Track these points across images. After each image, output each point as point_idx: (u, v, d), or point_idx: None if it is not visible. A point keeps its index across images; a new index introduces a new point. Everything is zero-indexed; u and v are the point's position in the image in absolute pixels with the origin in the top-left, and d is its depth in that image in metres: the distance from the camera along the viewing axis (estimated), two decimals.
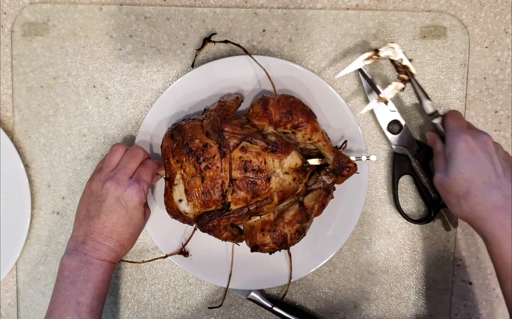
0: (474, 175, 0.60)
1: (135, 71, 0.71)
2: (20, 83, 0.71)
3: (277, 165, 0.62)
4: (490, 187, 0.60)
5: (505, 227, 0.58)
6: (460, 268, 0.74)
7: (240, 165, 0.61)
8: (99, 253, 0.59)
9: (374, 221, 0.73)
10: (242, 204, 0.61)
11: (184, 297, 0.73)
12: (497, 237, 0.58)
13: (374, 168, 0.72)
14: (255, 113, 0.64)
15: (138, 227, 0.62)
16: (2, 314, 0.73)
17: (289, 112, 0.63)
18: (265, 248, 0.64)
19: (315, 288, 0.73)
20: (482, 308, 0.74)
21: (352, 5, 0.71)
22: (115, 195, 0.60)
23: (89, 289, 0.58)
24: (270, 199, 0.62)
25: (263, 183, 0.61)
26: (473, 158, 0.61)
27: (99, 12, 0.71)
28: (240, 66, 0.68)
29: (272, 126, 0.64)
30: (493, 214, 0.59)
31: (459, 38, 0.71)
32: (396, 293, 0.73)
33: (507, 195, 0.59)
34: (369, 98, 0.70)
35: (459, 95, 0.71)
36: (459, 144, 0.62)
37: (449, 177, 0.62)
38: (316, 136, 0.64)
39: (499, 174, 0.60)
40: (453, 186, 0.61)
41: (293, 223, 0.64)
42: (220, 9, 0.71)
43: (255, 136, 0.62)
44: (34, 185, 0.72)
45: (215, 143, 0.61)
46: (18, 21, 0.70)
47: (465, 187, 0.60)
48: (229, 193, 0.61)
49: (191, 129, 0.62)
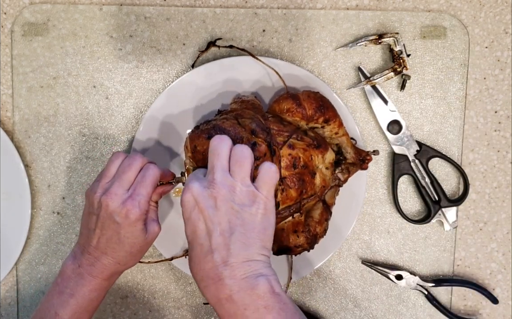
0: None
1: (135, 71, 0.71)
2: (20, 83, 0.71)
3: (320, 160, 0.61)
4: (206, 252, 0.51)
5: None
6: (460, 268, 0.74)
7: (289, 162, 0.58)
8: (92, 269, 0.57)
9: (374, 221, 0.73)
10: (289, 203, 0.59)
11: (184, 297, 0.73)
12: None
13: (374, 168, 0.72)
14: (286, 109, 0.61)
15: (136, 245, 0.58)
16: (2, 314, 0.73)
17: (321, 106, 0.62)
18: (297, 250, 0.62)
19: (315, 288, 0.73)
20: (482, 308, 0.74)
21: (352, 5, 0.71)
22: (108, 211, 0.56)
23: (71, 305, 0.57)
24: (316, 195, 0.61)
25: (310, 179, 0.60)
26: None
27: (99, 12, 0.71)
28: (242, 66, 0.68)
29: (304, 121, 0.62)
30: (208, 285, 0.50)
31: (459, 38, 0.71)
32: (396, 293, 0.73)
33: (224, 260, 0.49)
34: (368, 99, 0.70)
35: (459, 95, 0.72)
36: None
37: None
38: (341, 130, 0.64)
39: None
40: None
41: (322, 222, 0.63)
42: (220, 9, 0.71)
43: (299, 133, 0.61)
44: (34, 185, 0.72)
45: (264, 141, 0.57)
46: (18, 21, 0.70)
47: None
48: (279, 192, 0.58)
49: (233, 127, 0.57)
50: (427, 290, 0.72)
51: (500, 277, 0.74)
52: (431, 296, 0.72)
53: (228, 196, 0.51)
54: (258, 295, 0.48)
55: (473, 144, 0.73)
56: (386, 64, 0.71)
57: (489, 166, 0.73)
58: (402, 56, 0.69)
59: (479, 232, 0.73)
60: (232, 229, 0.50)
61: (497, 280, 0.74)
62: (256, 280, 0.49)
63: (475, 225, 0.73)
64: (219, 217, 0.50)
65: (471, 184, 0.72)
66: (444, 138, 0.72)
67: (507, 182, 0.73)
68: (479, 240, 0.73)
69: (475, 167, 0.73)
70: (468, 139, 0.72)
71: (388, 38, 0.69)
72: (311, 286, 0.73)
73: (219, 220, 0.50)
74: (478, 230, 0.73)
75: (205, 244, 0.50)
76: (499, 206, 0.73)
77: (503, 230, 0.73)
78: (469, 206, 0.73)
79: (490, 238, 0.73)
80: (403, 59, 0.69)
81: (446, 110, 0.72)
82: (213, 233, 0.50)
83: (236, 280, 0.48)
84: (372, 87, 0.70)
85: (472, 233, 0.73)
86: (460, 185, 0.72)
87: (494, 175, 0.73)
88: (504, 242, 0.73)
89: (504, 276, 0.74)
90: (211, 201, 0.51)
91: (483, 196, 0.73)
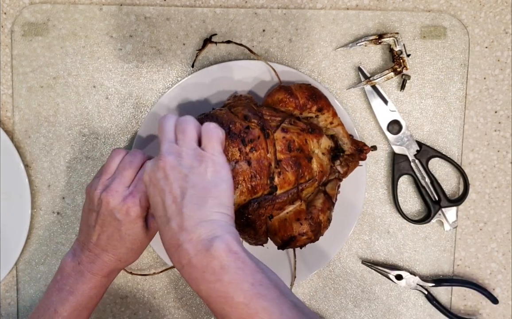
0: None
1: (135, 71, 0.71)
2: (20, 83, 0.71)
3: (315, 145, 0.61)
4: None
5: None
6: (460, 268, 0.74)
7: (284, 145, 0.58)
8: (92, 266, 0.57)
9: (374, 221, 0.73)
10: (287, 187, 0.59)
11: (184, 297, 0.73)
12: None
13: (373, 168, 0.72)
14: (278, 100, 0.62)
15: (137, 241, 0.57)
16: (2, 314, 0.73)
17: (313, 95, 0.63)
18: (302, 238, 0.61)
19: (315, 288, 0.73)
20: (482, 308, 0.74)
21: (352, 5, 0.71)
22: (109, 208, 0.55)
23: (70, 302, 0.57)
24: (314, 180, 0.61)
25: (306, 163, 0.60)
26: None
27: (99, 12, 0.71)
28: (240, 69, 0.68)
29: (298, 110, 0.63)
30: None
31: (459, 38, 0.71)
32: (396, 293, 0.73)
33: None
34: (369, 98, 0.70)
35: (459, 95, 0.72)
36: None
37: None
38: (336, 120, 0.65)
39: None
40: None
41: (324, 210, 0.62)
42: (220, 9, 0.71)
43: (291, 118, 0.61)
44: (34, 185, 0.72)
45: (256, 125, 0.58)
46: (18, 21, 0.70)
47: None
48: (276, 175, 0.58)
49: (226, 114, 0.58)
50: (427, 290, 0.72)
51: (500, 277, 0.74)
52: (431, 296, 0.72)
53: (175, 162, 0.51)
54: (213, 256, 0.46)
55: (473, 144, 0.73)
56: (386, 64, 0.71)
57: (489, 166, 0.73)
58: (402, 56, 0.69)
59: (479, 232, 0.73)
60: (183, 193, 0.50)
61: (497, 280, 0.74)
62: (211, 241, 0.47)
63: (475, 225, 0.73)
64: (169, 185, 0.51)
65: (471, 184, 0.72)
66: (444, 138, 0.72)
67: (507, 182, 0.73)
68: (479, 240, 0.73)
69: (475, 167, 0.73)
70: (468, 139, 0.72)
71: (388, 38, 0.69)
72: (311, 286, 0.73)
73: (169, 188, 0.50)
74: (478, 230, 0.73)
75: (163, 215, 0.51)
76: (499, 206, 0.73)
77: (503, 230, 0.73)
78: (469, 206, 0.73)
79: (490, 238, 0.73)
80: (403, 59, 0.69)
81: (446, 110, 0.72)
82: (166, 202, 0.50)
83: (193, 243, 0.48)
84: (372, 87, 0.70)
85: (472, 233, 0.73)
86: (460, 185, 0.72)
87: (494, 175, 0.73)
88: (504, 242, 0.73)
89: (504, 276, 0.74)
90: (160, 172, 0.51)
91: (483, 196, 0.73)
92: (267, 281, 0.46)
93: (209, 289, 0.46)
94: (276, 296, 0.45)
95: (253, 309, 0.44)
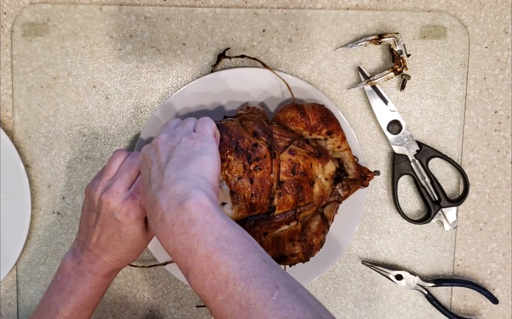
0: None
1: (135, 71, 0.71)
2: (20, 83, 0.71)
3: (320, 170, 0.61)
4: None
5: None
6: (460, 268, 0.74)
7: (289, 167, 0.59)
8: (92, 266, 0.58)
9: (374, 221, 0.73)
10: (285, 208, 0.59)
11: (184, 297, 0.73)
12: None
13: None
14: (290, 118, 0.62)
15: (137, 241, 0.58)
16: (2, 314, 0.73)
17: (325, 117, 0.63)
18: (293, 259, 0.62)
19: (315, 288, 0.73)
20: (482, 308, 0.74)
21: (352, 5, 0.71)
22: (109, 209, 0.56)
23: (72, 302, 0.57)
24: (313, 205, 0.61)
25: (308, 187, 0.60)
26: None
27: (99, 12, 0.71)
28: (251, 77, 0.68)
29: (307, 131, 0.63)
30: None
31: (459, 38, 0.71)
32: (396, 293, 0.73)
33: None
34: (369, 98, 0.70)
35: (459, 95, 0.72)
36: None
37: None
38: (344, 144, 0.65)
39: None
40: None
41: (318, 234, 0.63)
42: (220, 9, 0.71)
43: (300, 140, 0.61)
44: (34, 185, 0.72)
45: (265, 143, 0.58)
46: (18, 21, 0.70)
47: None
48: (276, 196, 0.58)
49: (236, 128, 0.59)
50: (427, 290, 0.72)
51: (500, 277, 0.74)
52: (431, 296, 0.72)
53: (167, 138, 0.55)
54: (184, 209, 0.46)
55: (473, 144, 0.73)
56: (386, 64, 0.71)
57: (489, 166, 0.73)
58: (402, 56, 0.69)
59: (479, 232, 0.73)
60: (168, 160, 0.51)
61: (497, 280, 0.74)
62: (185, 196, 0.47)
63: (475, 225, 0.73)
64: (158, 156, 0.53)
65: (471, 184, 0.72)
66: (444, 138, 0.72)
67: (507, 182, 0.73)
68: (479, 240, 0.73)
69: (475, 167, 0.73)
70: (468, 139, 0.73)
71: (388, 38, 0.69)
72: (311, 286, 0.73)
73: (157, 159, 0.53)
74: (478, 230, 0.73)
75: (147, 182, 0.52)
76: (499, 206, 0.73)
77: (503, 230, 0.73)
78: (469, 206, 0.73)
79: (490, 238, 0.73)
80: (403, 59, 0.69)
81: (446, 110, 0.72)
82: (152, 169, 0.52)
83: (167, 199, 0.47)
84: (372, 87, 0.70)
85: (472, 233, 0.73)
86: (460, 185, 0.72)
87: (494, 175, 0.73)
88: (504, 242, 0.73)
89: (504, 276, 0.74)
90: (152, 148, 0.54)
91: (483, 196, 0.73)
92: (235, 238, 0.45)
93: (175, 242, 0.46)
94: (240, 252, 0.44)
95: (214, 262, 0.44)
